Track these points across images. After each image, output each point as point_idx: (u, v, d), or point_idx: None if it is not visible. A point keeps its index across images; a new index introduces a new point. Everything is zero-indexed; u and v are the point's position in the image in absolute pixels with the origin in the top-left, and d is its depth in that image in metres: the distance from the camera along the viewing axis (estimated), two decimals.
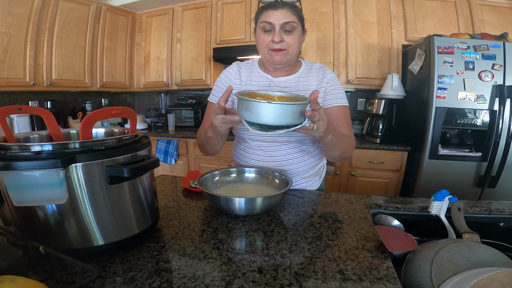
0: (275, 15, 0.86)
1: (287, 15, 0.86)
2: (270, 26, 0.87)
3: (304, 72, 1.00)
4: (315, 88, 0.97)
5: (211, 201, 0.78)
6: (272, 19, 0.86)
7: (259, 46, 0.93)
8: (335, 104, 0.97)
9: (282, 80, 0.99)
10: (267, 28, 0.88)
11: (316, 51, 2.44)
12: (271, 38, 0.87)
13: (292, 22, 0.87)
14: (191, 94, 3.24)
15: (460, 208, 0.73)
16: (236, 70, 1.02)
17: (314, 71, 1.00)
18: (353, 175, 2.21)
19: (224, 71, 1.04)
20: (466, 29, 2.17)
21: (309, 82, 0.98)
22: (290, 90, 0.97)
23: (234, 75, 1.02)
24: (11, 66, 2.08)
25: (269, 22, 0.86)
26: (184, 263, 0.55)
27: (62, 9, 2.34)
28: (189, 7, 2.80)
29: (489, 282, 0.44)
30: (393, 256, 0.64)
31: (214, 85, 1.05)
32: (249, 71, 1.02)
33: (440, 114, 1.81)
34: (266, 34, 0.89)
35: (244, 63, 1.05)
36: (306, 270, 0.54)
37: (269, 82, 0.99)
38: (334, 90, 0.98)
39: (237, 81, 1.01)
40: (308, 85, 0.98)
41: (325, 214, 0.80)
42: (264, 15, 0.88)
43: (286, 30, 0.87)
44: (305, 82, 0.98)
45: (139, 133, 0.63)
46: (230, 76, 1.02)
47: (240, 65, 1.04)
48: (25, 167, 0.45)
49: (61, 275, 0.49)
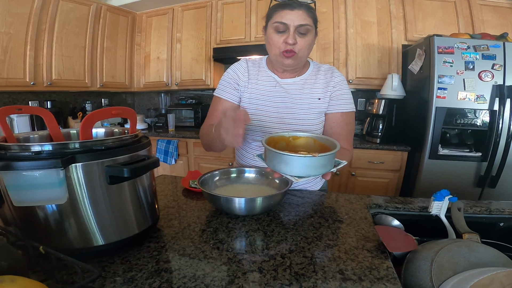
0: (290, 15, 0.81)
1: (303, 17, 0.82)
2: (284, 27, 0.83)
3: (311, 74, 0.98)
4: (321, 91, 0.96)
5: (211, 201, 0.78)
6: (287, 20, 0.82)
7: (269, 47, 0.90)
8: (339, 110, 0.97)
9: (288, 82, 0.97)
10: (281, 28, 0.84)
11: (316, 51, 2.44)
12: (284, 39, 0.84)
13: (308, 25, 0.83)
14: (191, 94, 3.24)
15: (460, 208, 0.73)
16: (244, 67, 1.01)
17: (321, 73, 0.98)
18: (353, 175, 2.21)
19: (232, 66, 1.02)
20: (466, 29, 2.17)
21: (315, 84, 0.97)
22: (296, 92, 0.96)
23: (242, 71, 1.00)
24: (11, 66, 2.08)
25: (283, 22, 0.82)
26: (184, 263, 0.55)
27: (62, 9, 2.35)
28: (189, 7, 2.80)
29: (489, 282, 0.44)
30: (393, 256, 0.64)
31: (221, 80, 1.02)
32: (256, 70, 1.01)
33: (440, 114, 1.81)
34: (279, 35, 0.85)
35: (252, 60, 1.04)
36: (306, 270, 0.54)
37: (275, 83, 0.98)
38: (340, 95, 0.96)
39: (244, 78, 1.00)
40: (314, 88, 0.96)
41: (325, 214, 0.80)
42: (279, 15, 0.83)
43: (301, 33, 0.84)
44: (312, 85, 0.97)
45: (139, 133, 0.63)
46: (238, 72, 1.00)
47: (248, 62, 1.02)
48: (25, 167, 0.45)
49: (61, 275, 0.49)
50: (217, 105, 1.01)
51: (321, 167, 0.64)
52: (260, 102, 0.98)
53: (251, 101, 0.99)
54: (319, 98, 0.96)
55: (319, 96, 0.96)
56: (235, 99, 1.00)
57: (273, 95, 0.97)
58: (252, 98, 0.99)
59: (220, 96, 1.01)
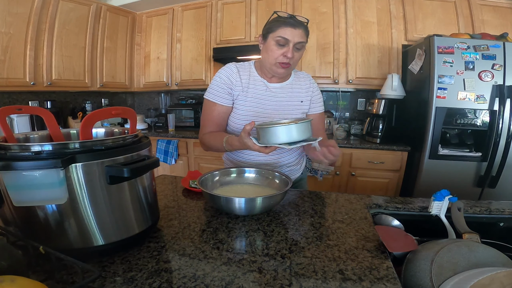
0: (292, 33, 0.92)
1: (302, 35, 0.94)
2: (285, 41, 0.93)
3: (295, 80, 1.11)
4: (303, 94, 1.11)
5: (211, 201, 0.78)
6: (290, 36, 0.92)
7: (268, 56, 0.98)
8: (318, 111, 1.16)
9: (276, 86, 1.07)
10: (281, 42, 0.94)
11: (316, 51, 2.44)
12: (283, 52, 0.94)
13: (304, 42, 0.96)
14: (191, 94, 3.24)
15: (460, 208, 0.73)
16: (236, 72, 1.03)
17: (302, 79, 1.13)
18: (353, 175, 2.21)
19: (222, 71, 1.04)
20: (466, 29, 2.17)
21: (298, 89, 1.10)
22: (284, 95, 1.07)
23: (235, 77, 1.03)
24: (11, 66, 2.08)
25: (286, 38, 0.92)
26: (184, 263, 0.55)
27: (62, 9, 2.34)
28: (189, 7, 2.80)
29: (489, 282, 0.44)
30: (393, 256, 0.64)
31: (213, 84, 1.04)
32: (247, 74, 1.05)
33: (440, 114, 1.81)
34: (279, 48, 0.95)
35: (240, 64, 1.07)
36: (306, 270, 0.54)
37: (265, 87, 1.05)
38: (318, 99, 1.15)
39: (238, 82, 1.03)
40: (298, 92, 1.10)
41: (325, 214, 0.80)
42: (282, 31, 0.93)
43: (297, 48, 0.96)
44: (296, 89, 1.10)
45: (139, 133, 0.63)
46: (231, 78, 1.02)
47: (238, 67, 1.05)
48: (25, 167, 0.45)
49: (61, 275, 0.49)
50: (212, 110, 1.05)
51: (302, 132, 0.77)
52: (252, 105, 1.04)
53: (245, 104, 1.03)
54: (302, 100, 1.10)
55: (302, 99, 1.10)
56: (229, 103, 1.04)
57: (264, 98, 1.05)
58: (246, 101, 1.03)
59: (214, 101, 1.04)
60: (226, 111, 1.05)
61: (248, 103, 1.03)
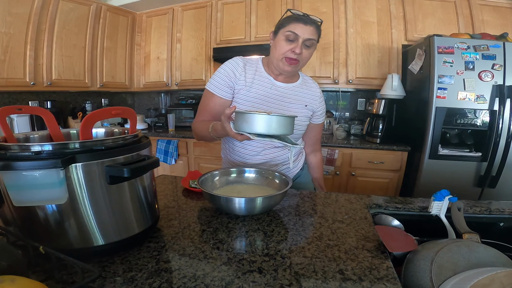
0: (303, 29, 0.92)
1: (312, 33, 0.93)
2: (295, 37, 0.92)
3: (301, 84, 1.10)
4: (308, 99, 1.09)
5: (211, 201, 0.78)
6: (299, 32, 0.92)
7: (276, 51, 0.97)
8: (321, 122, 1.17)
9: (282, 86, 1.05)
10: (291, 37, 0.93)
11: (316, 51, 2.41)
12: (291, 48, 0.93)
13: (314, 39, 0.95)
14: (191, 94, 3.24)
15: (460, 208, 0.73)
16: (242, 66, 1.02)
17: (309, 84, 1.12)
18: (353, 175, 2.21)
19: (228, 64, 1.02)
20: (466, 29, 2.17)
21: (304, 93, 1.08)
22: (289, 97, 1.05)
23: (239, 71, 1.01)
24: (11, 66, 2.08)
25: (295, 33, 0.92)
26: (184, 263, 0.55)
27: (62, 9, 2.34)
28: (189, 7, 2.80)
29: (489, 282, 0.44)
30: (393, 256, 0.64)
31: (216, 75, 1.02)
32: (254, 70, 1.03)
33: (440, 114, 1.81)
34: (288, 43, 0.94)
35: (248, 59, 1.05)
36: (306, 270, 0.54)
37: (271, 85, 1.03)
38: (323, 110, 1.15)
39: (241, 77, 1.01)
40: (303, 96, 1.08)
41: (325, 214, 0.80)
42: (293, 26, 0.92)
43: (306, 45, 0.94)
44: (301, 93, 1.08)
45: (139, 133, 0.63)
46: (235, 71, 1.01)
47: (245, 62, 1.04)
48: (25, 167, 0.45)
49: (61, 275, 0.49)
50: (210, 100, 1.03)
51: (278, 127, 0.70)
52: (256, 101, 1.01)
53: (247, 100, 1.01)
54: (306, 105, 1.08)
55: (306, 103, 1.09)
56: (228, 96, 1.02)
57: (268, 95, 1.03)
58: (248, 97, 1.01)
59: (213, 92, 1.02)
60: (224, 104, 1.02)
61: (250, 98, 1.01)
